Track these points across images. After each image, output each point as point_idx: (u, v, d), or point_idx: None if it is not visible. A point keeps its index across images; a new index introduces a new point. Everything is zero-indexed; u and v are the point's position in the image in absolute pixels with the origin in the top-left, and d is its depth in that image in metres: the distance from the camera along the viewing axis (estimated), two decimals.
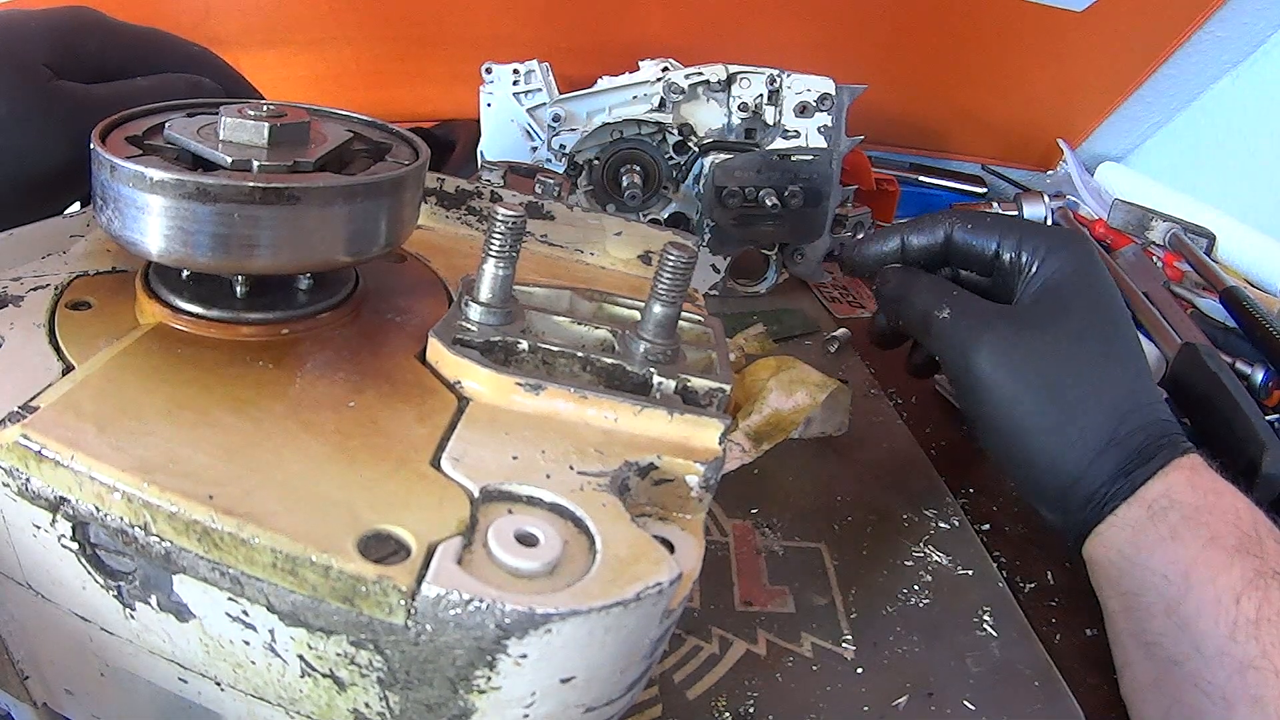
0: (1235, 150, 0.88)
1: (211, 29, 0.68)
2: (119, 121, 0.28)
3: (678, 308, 0.28)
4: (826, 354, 0.61)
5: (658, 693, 0.34)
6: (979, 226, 0.44)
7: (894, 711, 0.34)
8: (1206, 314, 0.67)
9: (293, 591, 0.20)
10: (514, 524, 0.21)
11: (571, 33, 0.77)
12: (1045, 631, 0.39)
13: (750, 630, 0.37)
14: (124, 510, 0.21)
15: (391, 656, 0.20)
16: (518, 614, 0.19)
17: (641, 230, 0.40)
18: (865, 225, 0.76)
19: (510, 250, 0.28)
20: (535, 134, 0.62)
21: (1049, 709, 0.35)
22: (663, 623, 0.22)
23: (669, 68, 0.62)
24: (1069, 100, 0.94)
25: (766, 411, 0.49)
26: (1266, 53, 0.84)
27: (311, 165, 0.27)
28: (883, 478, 0.48)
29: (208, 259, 0.25)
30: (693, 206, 0.65)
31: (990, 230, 0.43)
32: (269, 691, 0.23)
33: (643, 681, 0.24)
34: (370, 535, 0.21)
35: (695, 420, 0.26)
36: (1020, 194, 0.89)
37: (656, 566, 0.21)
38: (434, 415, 0.25)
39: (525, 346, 0.28)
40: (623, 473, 0.24)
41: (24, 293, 0.28)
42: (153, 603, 0.22)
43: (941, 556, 0.43)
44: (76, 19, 0.35)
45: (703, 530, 0.25)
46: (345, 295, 0.30)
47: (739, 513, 0.44)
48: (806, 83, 0.61)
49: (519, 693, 0.21)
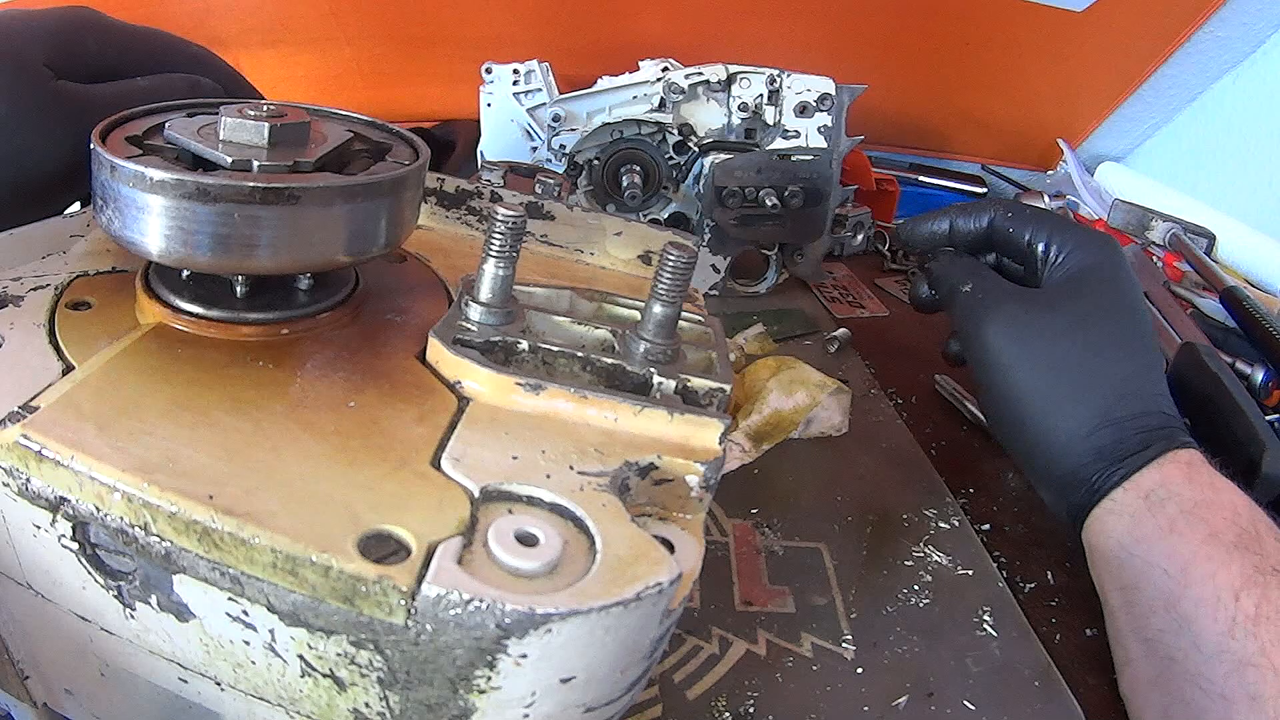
0: (1235, 150, 0.88)
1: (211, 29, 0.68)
2: (119, 121, 0.28)
3: (678, 308, 0.28)
4: (826, 354, 0.61)
5: (658, 693, 0.34)
6: (1019, 216, 0.46)
7: (894, 711, 0.34)
8: (1206, 314, 0.67)
9: (293, 591, 0.20)
10: (514, 524, 0.21)
11: (571, 33, 0.77)
12: (1045, 631, 0.39)
13: (750, 630, 0.37)
14: (124, 510, 0.21)
15: (391, 656, 0.20)
16: (518, 614, 0.19)
17: (641, 230, 0.40)
18: (865, 225, 0.76)
19: (510, 250, 0.28)
20: (535, 134, 0.62)
21: (1049, 709, 0.35)
22: (663, 623, 0.22)
23: (669, 68, 0.62)
24: (1069, 100, 0.94)
25: (766, 411, 0.49)
26: (1266, 53, 0.84)
27: (311, 165, 0.27)
28: (883, 478, 0.48)
29: (208, 259, 0.25)
30: (693, 206, 0.65)
31: (1027, 221, 0.46)
32: (269, 691, 0.23)
33: (643, 681, 0.24)
34: (370, 535, 0.21)
35: (695, 420, 0.26)
36: (1020, 194, 0.89)
37: (656, 566, 0.21)
38: (434, 415, 0.25)
39: (525, 346, 0.28)
40: (623, 473, 0.24)
41: (24, 293, 0.28)
42: (153, 603, 0.22)
43: (941, 556, 0.43)
44: (77, 19, 0.35)
45: (703, 530, 0.25)
46: (345, 295, 0.30)
47: (739, 513, 0.44)
48: (806, 83, 0.61)
49: (519, 692, 0.21)
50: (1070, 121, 0.97)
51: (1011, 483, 0.50)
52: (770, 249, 0.67)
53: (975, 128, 0.96)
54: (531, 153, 0.62)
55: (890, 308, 0.71)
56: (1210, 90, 0.90)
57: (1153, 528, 0.36)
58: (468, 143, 0.69)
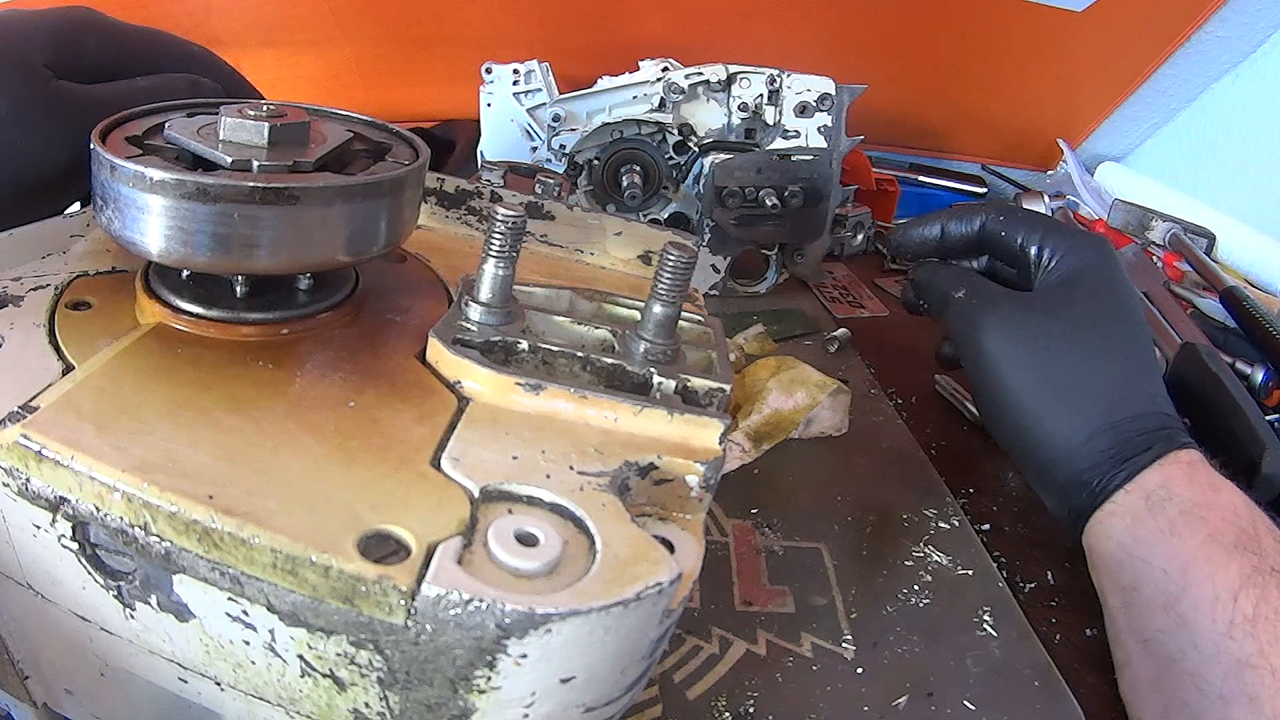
0: (1235, 150, 0.88)
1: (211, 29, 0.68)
2: (119, 121, 0.28)
3: (678, 308, 0.28)
4: (826, 354, 0.61)
5: (658, 693, 0.34)
6: (1010, 220, 0.46)
7: (894, 711, 0.34)
8: (1206, 314, 0.68)
9: (292, 591, 0.20)
10: (514, 524, 0.21)
11: (571, 33, 0.77)
12: (1045, 631, 0.39)
13: (750, 630, 0.37)
14: (124, 510, 0.21)
15: (391, 656, 0.20)
16: (517, 614, 0.19)
17: (641, 230, 0.40)
18: (865, 225, 0.76)
19: (510, 250, 0.28)
20: (535, 134, 0.62)
21: (1049, 709, 0.35)
22: (663, 623, 0.22)
23: (669, 68, 0.62)
24: (1069, 100, 0.94)
25: (766, 411, 0.49)
26: (1266, 53, 0.84)
27: (311, 165, 0.27)
28: (883, 478, 0.48)
29: (208, 259, 0.25)
30: (693, 206, 0.65)
31: (1019, 224, 0.45)
32: (269, 691, 0.23)
33: (643, 681, 0.24)
34: (370, 535, 0.21)
35: (695, 420, 0.26)
36: (1020, 194, 0.89)
37: (656, 566, 0.21)
38: (434, 415, 0.25)
39: (525, 346, 0.28)
40: (623, 473, 0.24)
41: (24, 293, 0.28)
42: (153, 603, 0.22)
43: (941, 556, 0.43)
44: (76, 19, 0.35)
45: (703, 530, 0.25)
46: (345, 295, 0.30)
47: (739, 513, 0.44)
48: (806, 83, 0.61)
49: (519, 692, 0.21)
50: (1070, 121, 0.97)
51: (1011, 483, 0.50)
52: (770, 249, 0.67)
53: (975, 128, 0.96)
54: (531, 153, 0.62)
55: (890, 308, 0.71)
56: (1210, 90, 0.90)
57: (1153, 529, 0.36)
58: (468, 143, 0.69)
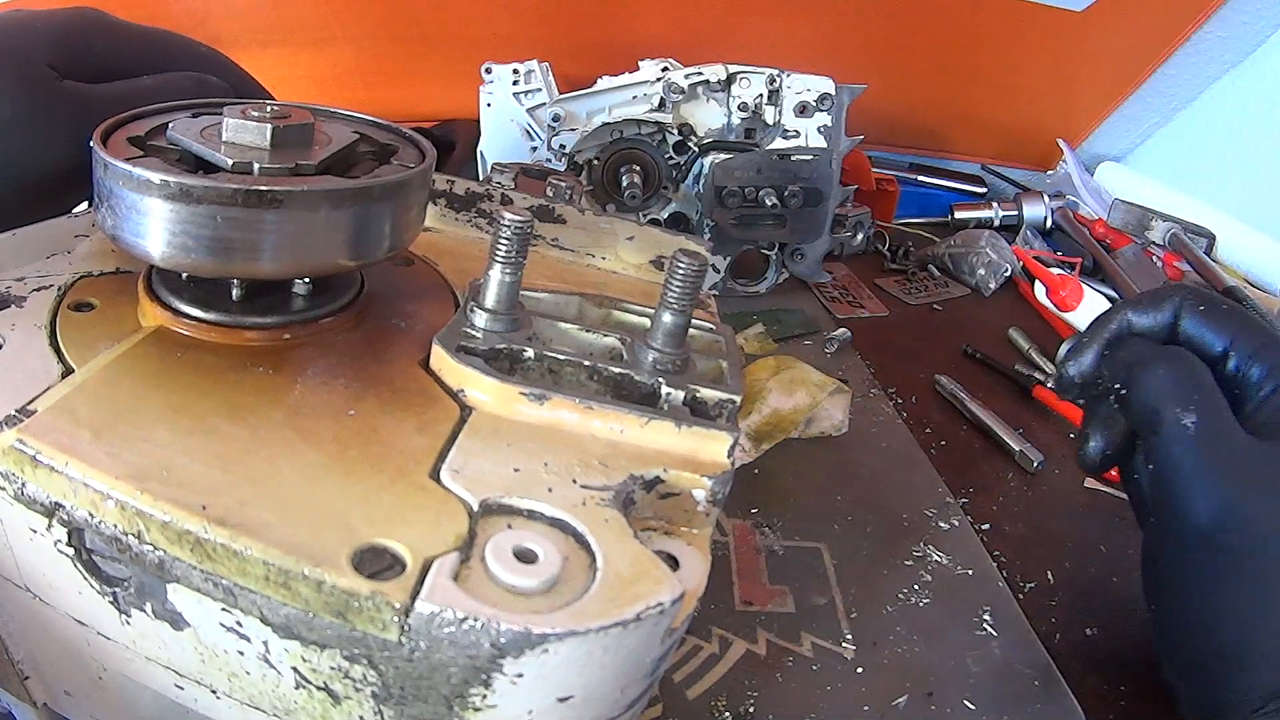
0: (1235, 150, 0.88)
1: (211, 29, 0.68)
2: (123, 121, 0.28)
3: (688, 316, 0.28)
4: (826, 354, 0.61)
5: (658, 693, 0.34)
6: (1213, 314, 0.35)
7: (894, 711, 0.34)
8: None
9: (285, 604, 0.20)
10: (513, 539, 0.21)
11: (571, 33, 0.77)
12: (1045, 631, 0.39)
13: (750, 630, 0.37)
14: (118, 518, 0.21)
15: (386, 672, 0.20)
16: (513, 633, 0.19)
17: (654, 235, 0.40)
18: (865, 225, 0.76)
19: (517, 255, 0.27)
20: (535, 134, 0.62)
21: (1049, 709, 0.35)
22: (664, 642, 0.22)
23: (669, 68, 0.62)
24: (1069, 100, 0.94)
25: (766, 411, 0.49)
26: (1266, 53, 0.84)
27: (314, 168, 0.26)
28: (883, 478, 0.48)
29: (195, 261, 0.25)
30: (693, 206, 0.64)
31: (1225, 324, 0.34)
32: (264, 702, 0.23)
33: (644, 699, 0.24)
34: (365, 549, 0.20)
35: (704, 433, 0.25)
36: (1020, 194, 0.89)
37: (658, 586, 0.20)
38: (435, 425, 0.25)
39: (531, 354, 0.27)
40: (628, 486, 0.24)
41: (27, 293, 0.28)
42: (148, 610, 0.22)
43: (941, 556, 0.43)
44: (81, 19, 0.34)
45: (709, 545, 0.24)
46: (349, 299, 0.30)
47: (739, 513, 0.44)
48: (806, 83, 0.61)
49: (515, 711, 0.20)
50: (1070, 121, 0.97)
51: (1011, 483, 0.50)
52: (770, 249, 0.67)
53: (975, 128, 0.96)
54: (531, 153, 0.62)
55: (890, 308, 0.71)
56: (1210, 90, 0.90)
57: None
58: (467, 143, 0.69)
